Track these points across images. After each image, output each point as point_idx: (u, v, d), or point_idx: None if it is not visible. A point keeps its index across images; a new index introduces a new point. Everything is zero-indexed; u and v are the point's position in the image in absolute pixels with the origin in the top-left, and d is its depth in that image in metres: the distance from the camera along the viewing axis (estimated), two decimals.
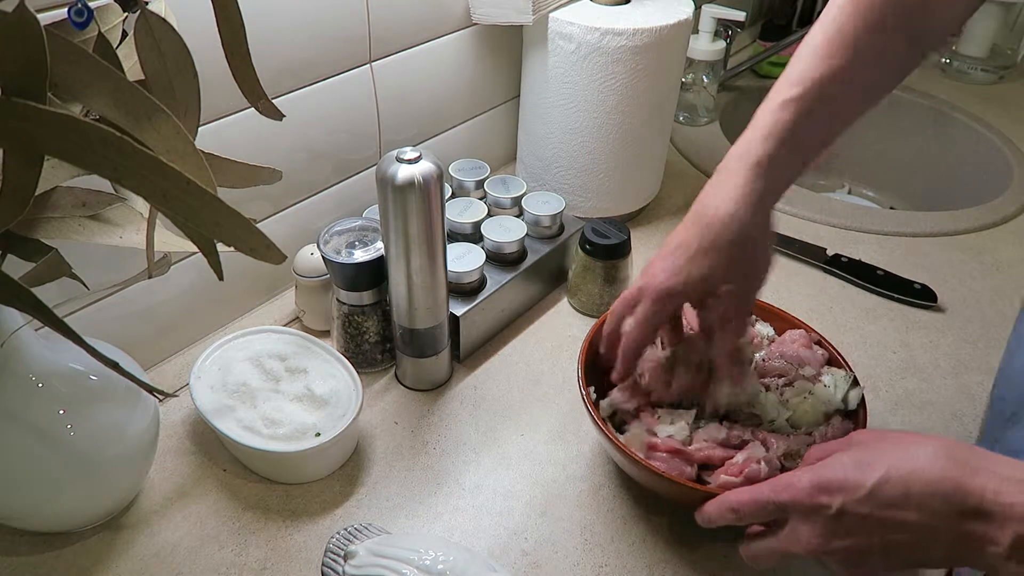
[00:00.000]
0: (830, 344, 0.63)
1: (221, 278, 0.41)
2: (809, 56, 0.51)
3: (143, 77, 0.40)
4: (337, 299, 0.67)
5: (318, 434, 0.57)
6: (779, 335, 0.66)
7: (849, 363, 0.62)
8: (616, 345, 0.57)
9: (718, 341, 0.56)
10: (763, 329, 0.66)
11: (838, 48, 0.50)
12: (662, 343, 0.60)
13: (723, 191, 0.51)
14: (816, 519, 0.44)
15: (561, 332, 0.76)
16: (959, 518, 0.40)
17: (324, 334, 0.73)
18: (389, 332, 0.69)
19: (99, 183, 0.42)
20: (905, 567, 0.43)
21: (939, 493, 0.40)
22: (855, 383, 0.60)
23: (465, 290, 0.70)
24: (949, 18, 0.53)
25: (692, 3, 0.83)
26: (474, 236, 0.76)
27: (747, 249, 0.52)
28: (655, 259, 0.55)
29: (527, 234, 0.75)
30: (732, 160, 0.52)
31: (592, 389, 0.59)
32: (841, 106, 0.52)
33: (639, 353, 0.57)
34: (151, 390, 0.45)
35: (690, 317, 0.60)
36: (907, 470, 0.41)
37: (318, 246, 0.65)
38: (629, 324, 0.56)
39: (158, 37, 0.39)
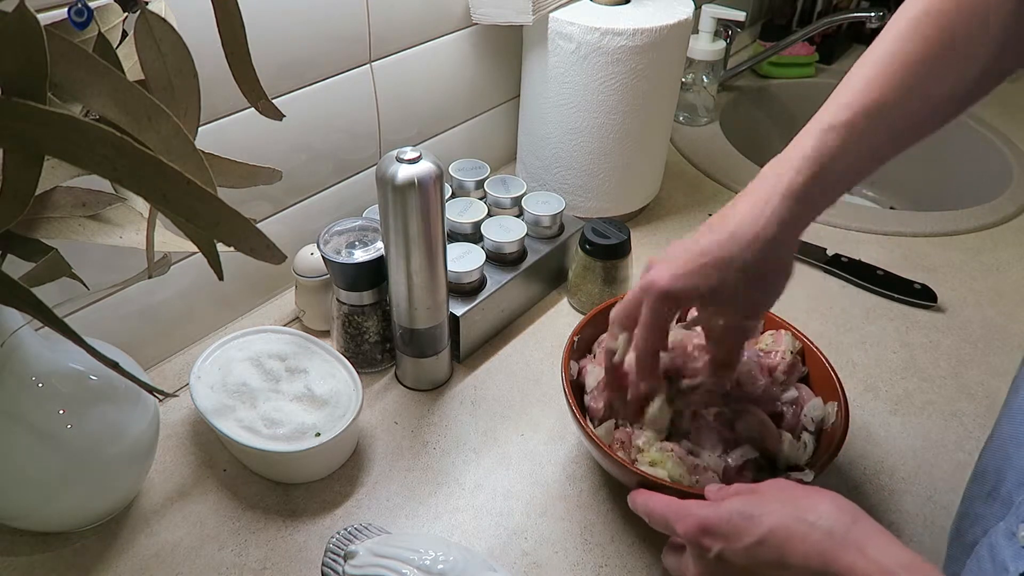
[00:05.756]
0: (823, 356, 0.61)
1: (221, 278, 0.41)
2: (862, 77, 0.48)
3: (143, 77, 0.40)
4: (337, 299, 0.67)
5: (318, 434, 0.57)
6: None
7: (840, 377, 0.59)
8: (623, 380, 0.56)
9: (715, 345, 0.56)
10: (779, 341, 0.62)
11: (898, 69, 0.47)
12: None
13: (753, 209, 0.48)
14: (700, 556, 0.45)
15: (561, 332, 0.76)
16: None
17: (324, 334, 0.73)
18: (389, 332, 0.69)
19: (99, 183, 0.42)
20: None
21: (810, 568, 0.40)
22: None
23: (465, 290, 0.70)
24: None
25: (692, 3, 0.83)
26: (474, 236, 0.76)
27: (764, 271, 0.50)
28: (662, 260, 0.51)
29: (527, 234, 0.75)
30: (768, 179, 0.49)
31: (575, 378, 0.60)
32: (895, 132, 0.49)
33: (656, 360, 0.53)
34: (151, 390, 0.45)
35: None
36: (785, 536, 0.41)
37: (318, 246, 0.65)
38: (636, 335, 0.52)
39: (158, 37, 0.39)
